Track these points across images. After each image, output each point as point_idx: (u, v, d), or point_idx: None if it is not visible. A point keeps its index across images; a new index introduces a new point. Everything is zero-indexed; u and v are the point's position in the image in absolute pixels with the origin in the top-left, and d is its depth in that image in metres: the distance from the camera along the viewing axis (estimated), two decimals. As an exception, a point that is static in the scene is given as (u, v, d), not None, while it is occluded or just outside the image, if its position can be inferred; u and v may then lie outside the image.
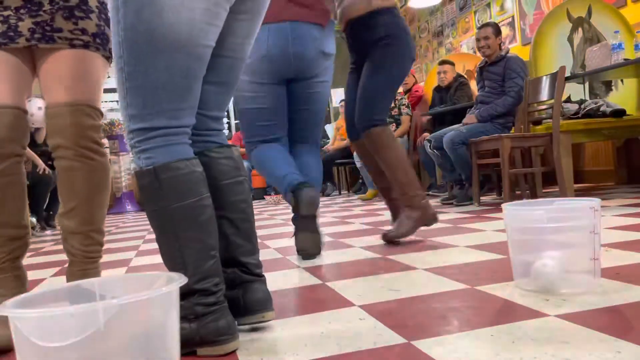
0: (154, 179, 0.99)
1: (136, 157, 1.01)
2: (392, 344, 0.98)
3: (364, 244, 2.30)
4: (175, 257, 1.00)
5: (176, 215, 0.99)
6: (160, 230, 1.01)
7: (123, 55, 0.98)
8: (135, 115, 0.99)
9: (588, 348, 0.87)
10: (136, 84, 0.98)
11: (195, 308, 0.99)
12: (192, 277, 0.98)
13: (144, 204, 1.02)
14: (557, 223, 1.22)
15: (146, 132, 1.00)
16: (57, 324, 0.69)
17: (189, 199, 0.99)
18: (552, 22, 4.04)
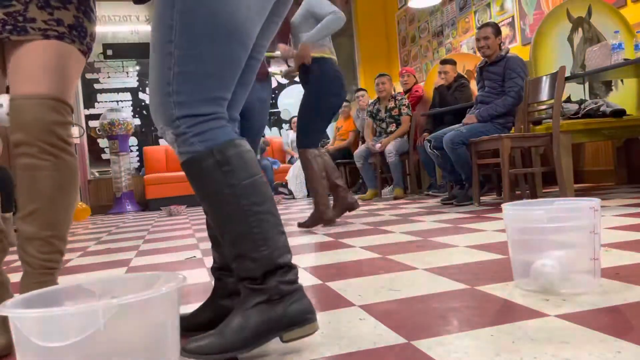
0: (223, 157, 0.95)
1: (187, 143, 0.95)
2: (392, 344, 0.98)
3: (364, 244, 2.30)
4: (254, 235, 0.95)
5: (249, 190, 0.96)
6: (234, 211, 0.95)
7: (174, 40, 0.94)
8: (184, 103, 0.95)
9: (588, 348, 0.87)
10: (187, 69, 0.94)
11: (280, 287, 0.95)
12: (275, 252, 0.96)
13: (205, 191, 0.97)
14: (557, 223, 1.22)
15: (196, 118, 0.95)
16: (57, 324, 0.69)
17: (257, 174, 0.98)
18: (552, 22, 4.04)
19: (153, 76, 0.98)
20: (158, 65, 0.96)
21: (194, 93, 0.95)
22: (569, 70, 3.90)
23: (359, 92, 6.63)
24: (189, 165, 0.97)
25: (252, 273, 0.96)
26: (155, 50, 0.97)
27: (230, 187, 0.95)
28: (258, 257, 0.95)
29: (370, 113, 5.44)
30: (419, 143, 5.03)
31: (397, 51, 8.21)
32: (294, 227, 3.25)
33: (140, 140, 8.08)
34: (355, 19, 8.59)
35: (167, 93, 0.95)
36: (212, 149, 0.95)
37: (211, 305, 1.18)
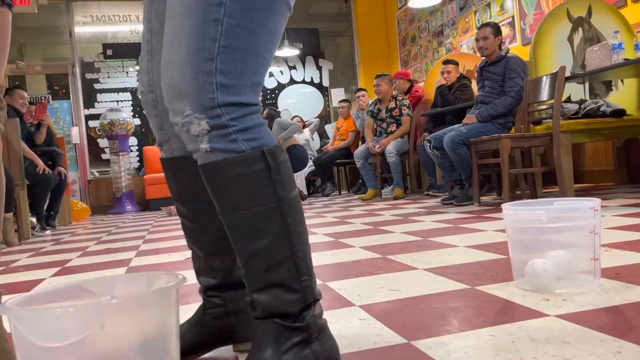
0: (275, 163, 0.77)
1: (228, 139, 0.76)
2: (392, 344, 0.98)
3: (364, 244, 2.30)
4: (297, 260, 0.79)
5: (295, 206, 0.79)
6: (277, 231, 0.77)
7: (225, 3, 0.74)
8: (229, 86, 0.75)
9: (588, 348, 0.87)
10: (237, 44, 0.75)
11: (318, 322, 0.82)
12: (313, 284, 0.82)
13: (241, 202, 0.77)
14: (557, 223, 1.22)
15: (242, 108, 0.77)
16: (57, 324, 0.69)
17: (296, 185, 0.83)
18: (552, 22, 4.04)
19: (184, 46, 0.75)
20: (196, 32, 0.74)
21: (243, 76, 0.76)
22: (569, 70, 3.90)
23: (359, 92, 6.63)
24: (226, 166, 0.76)
25: (289, 308, 0.79)
26: (192, 11, 0.75)
27: (279, 201, 0.77)
28: (299, 288, 0.79)
29: (371, 113, 5.45)
30: (419, 143, 5.03)
31: (397, 51, 8.21)
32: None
33: (140, 140, 8.08)
34: (355, 19, 8.59)
35: (209, 71, 0.74)
36: (263, 151, 0.77)
37: (201, 325, 1.02)
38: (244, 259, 0.79)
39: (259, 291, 0.79)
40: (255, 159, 0.76)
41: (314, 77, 9.03)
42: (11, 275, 2.36)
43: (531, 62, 3.98)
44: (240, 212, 0.77)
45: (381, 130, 5.37)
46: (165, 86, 0.79)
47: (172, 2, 0.79)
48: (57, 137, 5.50)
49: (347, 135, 6.81)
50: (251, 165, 0.76)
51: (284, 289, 0.78)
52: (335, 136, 7.09)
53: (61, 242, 3.76)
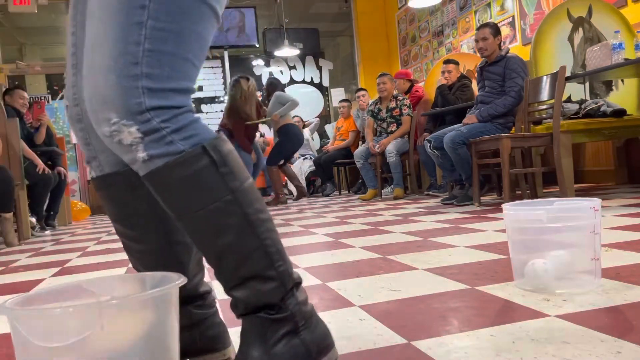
0: (219, 156, 0.75)
1: (164, 142, 0.72)
2: (392, 344, 0.98)
3: (364, 244, 2.30)
4: (267, 248, 0.77)
5: (251, 195, 0.77)
6: (239, 223, 0.75)
7: (149, 6, 0.71)
8: (156, 90, 0.72)
9: (588, 348, 0.87)
10: (164, 48, 0.72)
11: (302, 309, 0.80)
12: (290, 266, 0.81)
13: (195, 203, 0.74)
14: (557, 223, 1.22)
15: (172, 110, 0.73)
16: (56, 324, 0.69)
17: (250, 176, 0.79)
18: (553, 22, 4.04)
19: (107, 51, 0.71)
20: (118, 36, 0.71)
21: (170, 79, 0.73)
22: (570, 70, 3.90)
23: (359, 92, 6.63)
24: (170, 170, 0.73)
25: (270, 297, 0.77)
26: (114, 15, 0.72)
27: (232, 193, 0.75)
28: (275, 275, 0.77)
29: (372, 113, 5.44)
30: (419, 143, 5.03)
31: (397, 51, 8.21)
32: (295, 227, 3.25)
33: (140, 140, 8.07)
34: (355, 19, 8.59)
35: (134, 75, 0.71)
36: (203, 146, 0.74)
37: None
38: (213, 259, 0.77)
39: (235, 288, 0.77)
40: (198, 156, 0.73)
41: (314, 77, 9.03)
42: (11, 275, 2.35)
43: (531, 62, 3.98)
44: (196, 214, 0.74)
45: (381, 130, 5.37)
46: (88, 95, 0.74)
47: (92, 8, 0.75)
48: (57, 137, 5.50)
49: (347, 135, 6.81)
50: (195, 163, 0.73)
51: (260, 279, 0.76)
52: (335, 136, 7.09)
53: (61, 242, 3.76)
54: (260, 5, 8.52)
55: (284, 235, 2.89)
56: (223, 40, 8.19)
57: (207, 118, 8.41)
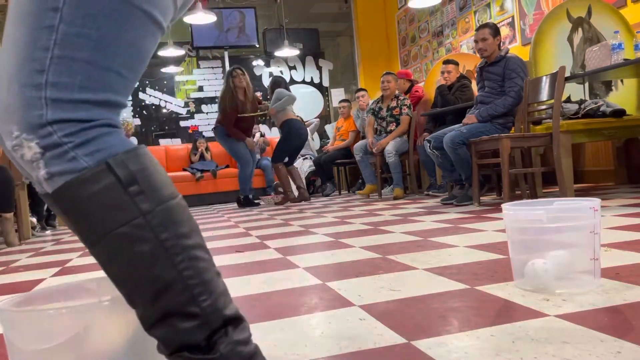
0: (126, 174, 0.65)
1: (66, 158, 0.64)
2: (392, 344, 0.98)
3: (364, 244, 2.30)
4: (187, 280, 0.66)
5: (170, 218, 0.67)
6: (152, 251, 0.65)
7: (62, 8, 0.63)
8: (63, 101, 0.63)
9: (588, 348, 0.87)
10: (77, 55, 0.64)
11: (237, 350, 0.68)
12: (219, 300, 0.69)
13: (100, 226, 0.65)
14: (557, 223, 1.22)
15: (78, 124, 0.64)
16: (45, 324, 0.68)
17: (175, 194, 0.69)
18: (552, 22, 4.04)
19: (13, 57, 0.64)
20: (26, 41, 0.64)
21: (83, 90, 0.64)
22: (569, 70, 3.90)
23: (359, 92, 6.63)
24: (71, 191, 0.64)
25: (193, 337, 0.66)
26: (24, 18, 0.64)
27: (143, 216, 0.65)
28: (198, 311, 0.66)
29: (373, 111, 5.46)
30: (419, 143, 5.03)
31: (397, 51, 8.21)
32: (295, 227, 3.26)
33: (140, 140, 8.07)
34: (355, 19, 8.60)
35: (38, 85, 0.63)
36: (107, 163, 0.64)
37: None
38: (126, 293, 0.68)
39: (153, 327, 0.67)
40: (101, 174, 0.64)
41: (314, 77, 9.03)
42: (11, 275, 2.36)
43: (531, 62, 3.98)
44: (103, 240, 0.65)
45: (381, 129, 5.38)
46: None
47: (9, 11, 0.68)
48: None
49: (347, 135, 6.81)
50: (98, 181, 0.64)
51: (180, 316, 0.66)
52: (335, 136, 7.09)
53: (61, 242, 3.76)
54: (260, 5, 8.52)
55: (284, 235, 2.89)
56: (223, 41, 8.19)
57: (207, 118, 8.42)
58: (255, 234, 3.06)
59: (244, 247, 2.55)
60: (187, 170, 7.29)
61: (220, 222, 4.17)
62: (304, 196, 5.80)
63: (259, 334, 1.12)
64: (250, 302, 1.42)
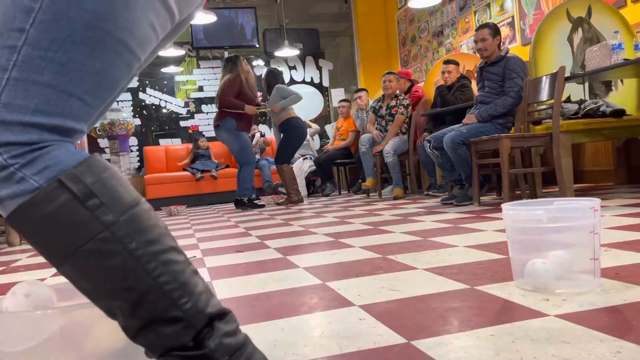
0: (81, 187, 0.63)
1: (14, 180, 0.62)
2: (392, 344, 0.98)
3: (364, 244, 2.30)
4: (164, 286, 0.65)
5: (135, 226, 0.65)
6: (122, 263, 0.64)
7: (28, 30, 0.62)
8: (13, 123, 0.61)
9: (588, 348, 0.87)
10: (36, 78, 0.62)
11: (225, 343, 0.68)
12: (200, 300, 0.68)
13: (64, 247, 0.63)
14: (557, 223, 1.22)
15: (26, 147, 0.62)
16: (9, 329, 0.68)
17: (137, 199, 0.68)
18: (552, 22, 4.04)
19: None
20: None
21: (37, 113, 0.62)
22: (569, 70, 3.90)
23: (359, 93, 6.64)
24: (26, 213, 0.62)
25: (179, 340, 0.66)
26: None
27: (107, 229, 0.63)
28: (180, 315, 0.66)
29: (374, 109, 5.49)
30: (419, 143, 5.03)
31: (397, 51, 8.21)
32: (295, 227, 3.26)
33: (140, 140, 8.08)
34: (355, 19, 8.60)
35: None
36: (59, 180, 0.62)
37: None
38: (103, 307, 0.68)
39: (137, 335, 0.67)
40: (55, 192, 0.62)
41: (314, 77, 9.03)
42: (11, 275, 2.36)
43: (531, 62, 3.98)
44: (70, 258, 0.63)
45: (380, 128, 5.39)
46: None
47: None
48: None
49: (347, 135, 6.82)
50: (52, 200, 0.62)
51: (163, 322, 0.66)
52: (335, 136, 7.09)
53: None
54: (260, 5, 8.52)
55: (284, 235, 2.89)
56: (223, 41, 8.19)
57: (207, 118, 8.42)
58: (255, 234, 3.06)
59: (244, 247, 2.55)
60: (187, 170, 7.29)
61: (220, 222, 4.17)
62: (298, 198, 5.61)
63: (259, 333, 1.12)
64: (250, 302, 1.42)
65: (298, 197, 5.61)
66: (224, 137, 5.31)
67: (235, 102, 5.15)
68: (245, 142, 5.36)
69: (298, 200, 5.60)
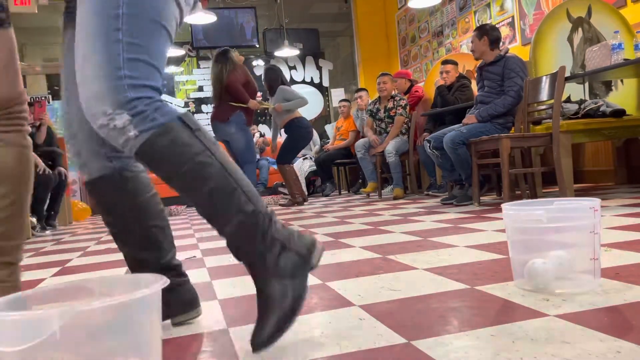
0: (192, 122, 0.99)
1: (149, 119, 0.95)
2: (392, 344, 0.98)
3: (364, 244, 2.30)
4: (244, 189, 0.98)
5: (221, 150, 1.01)
6: (219, 169, 0.98)
7: (122, 28, 0.96)
8: (138, 86, 0.96)
9: (588, 348, 0.87)
10: (138, 57, 0.97)
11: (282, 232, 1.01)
12: (264, 206, 1.00)
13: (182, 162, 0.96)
14: (557, 223, 1.22)
15: (151, 99, 0.97)
16: (6, 329, 0.68)
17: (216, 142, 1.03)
18: (552, 22, 4.04)
19: (96, 62, 0.96)
20: (103, 50, 0.95)
21: (147, 78, 0.98)
22: (569, 70, 3.90)
23: (359, 92, 6.63)
24: (157, 139, 0.95)
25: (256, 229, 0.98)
26: (98, 36, 0.96)
27: (208, 149, 0.98)
28: (253, 208, 0.98)
29: (371, 112, 5.46)
30: (419, 143, 5.03)
31: (397, 51, 8.21)
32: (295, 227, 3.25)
33: (140, 140, 8.07)
34: (355, 19, 8.59)
35: (119, 77, 0.95)
36: (179, 117, 0.98)
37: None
38: (203, 206, 0.99)
39: (225, 226, 0.98)
40: (176, 125, 0.97)
41: (314, 77, 9.03)
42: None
43: (531, 62, 3.98)
44: (184, 170, 0.96)
45: (380, 130, 5.38)
46: (84, 98, 0.97)
47: (78, 34, 0.99)
48: (58, 137, 5.50)
49: (347, 135, 6.82)
50: (175, 130, 0.96)
51: (243, 214, 0.97)
52: (335, 136, 7.09)
53: (61, 242, 3.76)
54: (260, 5, 8.52)
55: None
56: (223, 41, 8.19)
57: (207, 118, 8.41)
58: (255, 234, 3.05)
59: (244, 247, 2.55)
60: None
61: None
62: (302, 198, 5.50)
63: (259, 334, 1.12)
64: (250, 302, 1.42)
65: (303, 197, 5.47)
66: (231, 132, 4.90)
67: (244, 93, 4.86)
68: (251, 139, 5.14)
69: (303, 200, 5.46)
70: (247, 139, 5.02)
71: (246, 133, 5.01)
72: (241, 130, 4.94)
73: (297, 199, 5.36)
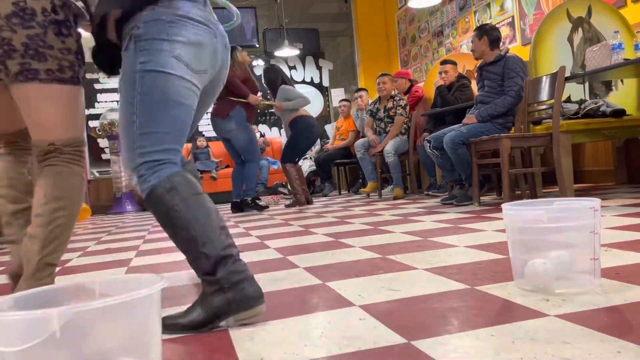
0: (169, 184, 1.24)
1: (146, 181, 1.24)
2: (392, 344, 0.98)
3: (364, 244, 2.30)
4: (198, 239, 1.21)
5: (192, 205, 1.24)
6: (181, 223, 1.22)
7: (136, 111, 1.25)
8: (144, 153, 1.25)
9: (588, 348, 0.87)
10: (147, 130, 1.25)
11: (229, 277, 1.19)
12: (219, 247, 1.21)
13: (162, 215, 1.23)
14: (557, 223, 1.22)
15: (152, 164, 1.25)
16: (7, 330, 0.68)
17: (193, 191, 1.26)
18: (552, 22, 4.04)
19: (123, 138, 1.28)
20: (126, 130, 1.27)
21: (152, 146, 1.25)
22: (569, 70, 3.90)
23: (359, 92, 6.63)
24: (149, 197, 1.24)
25: (205, 268, 1.21)
26: (123, 119, 1.28)
27: (177, 205, 1.22)
28: (208, 253, 1.20)
29: (371, 112, 5.47)
30: (419, 143, 5.03)
31: (397, 51, 8.21)
32: (295, 227, 3.26)
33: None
34: (355, 19, 8.59)
35: (133, 148, 1.26)
36: (161, 181, 1.23)
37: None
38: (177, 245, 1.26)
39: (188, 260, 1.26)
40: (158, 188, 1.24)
41: (314, 77, 9.03)
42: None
43: (531, 62, 3.98)
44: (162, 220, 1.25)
45: (380, 130, 5.38)
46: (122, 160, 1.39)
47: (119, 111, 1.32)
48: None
49: (347, 134, 6.82)
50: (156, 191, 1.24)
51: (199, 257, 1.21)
52: (335, 136, 7.09)
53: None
54: (260, 5, 8.52)
55: (284, 235, 2.89)
56: (223, 41, 8.18)
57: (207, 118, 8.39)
58: (255, 234, 3.06)
59: (244, 247, 2.55)
60: (187, 170, 7.28)
61: (220, 222, 4.16)
62: (307, 200, 5.28)
63: (259, 334, 1.12)
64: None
65: (306, 196, 5.27)
66: (232, 129, 4.86)
67: (243, 87, 4.78)
68: (253, 136, 5.05)
69: (307, 201, 5.26)
70: (249, 136, 4.94)
71: (247, 130, 4.92)
72: (242, 127, 4.86)
73: (300, 199, 5.18)
